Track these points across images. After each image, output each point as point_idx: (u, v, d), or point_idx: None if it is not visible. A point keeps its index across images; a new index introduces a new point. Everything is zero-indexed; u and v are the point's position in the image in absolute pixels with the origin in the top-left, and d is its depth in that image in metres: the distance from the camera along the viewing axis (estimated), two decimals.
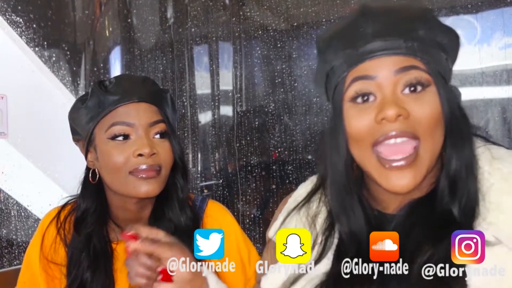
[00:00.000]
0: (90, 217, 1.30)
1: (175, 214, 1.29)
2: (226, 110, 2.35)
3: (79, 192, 1.34)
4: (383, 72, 0.85)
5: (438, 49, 0.88)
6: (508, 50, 1.89)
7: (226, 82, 2.36)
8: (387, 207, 0.95)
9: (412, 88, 0.84)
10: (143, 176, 1.21)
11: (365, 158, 0.88)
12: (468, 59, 1.93)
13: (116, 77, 1.32)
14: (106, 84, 1.28)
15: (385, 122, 0.84)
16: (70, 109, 1.33)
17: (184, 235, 1.27)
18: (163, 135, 1.25)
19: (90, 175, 1.29)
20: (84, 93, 2.43)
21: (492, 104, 1.93)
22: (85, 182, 1.32)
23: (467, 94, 1.95)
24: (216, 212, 1.36)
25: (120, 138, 1.22)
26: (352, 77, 0.87)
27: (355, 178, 0.95)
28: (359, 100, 0.87)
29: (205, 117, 2.38)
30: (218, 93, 2.36)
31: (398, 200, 0.92)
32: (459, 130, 0.87)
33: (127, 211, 1.29)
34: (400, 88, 0.84)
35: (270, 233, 1.09)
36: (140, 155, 1.20)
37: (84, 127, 1.27)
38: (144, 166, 1.20)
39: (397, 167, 0.84)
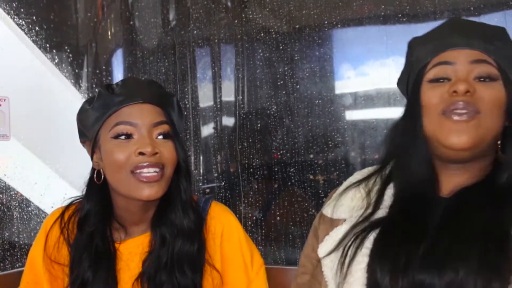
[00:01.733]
0: (94, 217, 1.31)
1: (178, 217, 1.30)
2: (228, 113, 2.35)
3: (84, 193, 1.35)
4: (461, 60, 1.03)
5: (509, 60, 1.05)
6: None
7: (228, 84, 2.36)
8: (442, 188, 1.06)
9: (482, 79, 1.01)
10: (144, 180, 1.21)
11: (433, 122, 1.04)
12: None
13: (122, 80, 1.34)
14: (113, 87, 1.30)
15: (455, 94, 1.01)
16: (78, 111, 1.34)
17: (187, 238, 1.27)
18: (166, 136, 1.26)
19: (95, 175, 1.30)
20: (86, 94, 2.44)
21: None
22: (90, 183, 1.33)
23: None
24: (219, 214, 1.36)
25: (123, 137, 1.24)
26: (434, 63, 1.06)
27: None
28: (437, 81, 1.05)
29: (207, 120, 2.38)
30: (220, 95, 2.36)
31: (453, 183, 1.04)
32: None
33: (131, 212, 1.29)
34: (472, 75, 1.02)
35: (323, 209, 1.20)
36: (141, 153, 1.21)
37: (90, 128, 1.29)
38: (146, 163, 1.21)
39: (459, 122, 0.99)
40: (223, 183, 2.32)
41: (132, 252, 1.31)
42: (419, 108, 1.06)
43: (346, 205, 1.14)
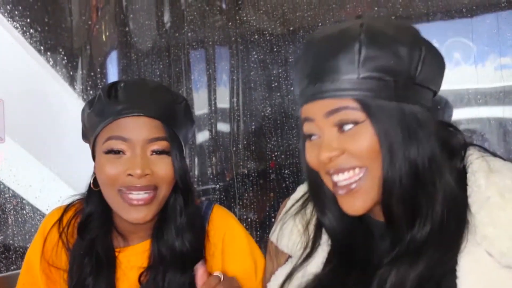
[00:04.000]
0: (94, 222, 1.26)
1: (170, 238, 1.23)
2: (223, 115, 2.35)
3: (84, 195, 1.31)
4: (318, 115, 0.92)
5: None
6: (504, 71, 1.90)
7: (223, 86, 2.36)
8: (376, 214, 0.98)
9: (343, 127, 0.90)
10: (134, 203, 1.16)
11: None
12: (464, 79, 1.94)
13: (126, 83, 1.24)
14: (117, 88, 1.21)
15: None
16: (81, 109, 1.29)
17: (177, 261, 1.21)
18: (162, 152, 1.18)
19: (91, 181, 1.25)
20: (81, 97, 2.44)
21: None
22: (90, 188, 1.28)
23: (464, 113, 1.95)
24: (220, 219, 1.31)
25: (115, 153, 1.17)
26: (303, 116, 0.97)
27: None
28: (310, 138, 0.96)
29: (202, 122, 2.38)
30: (215, 97, 2.36)
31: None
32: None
33: (128, 222, 1.25)
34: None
35: (271, 234, 1.13)
36: (131, 175, 1.15)
37: (89, 132, 1.24)
38: (136, 185, 1.15)
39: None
40: (217, 185, 2.33)
41: (131, 261, 1.28)
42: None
43: (287, 237, 1.07)
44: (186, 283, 1.20)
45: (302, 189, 1.13)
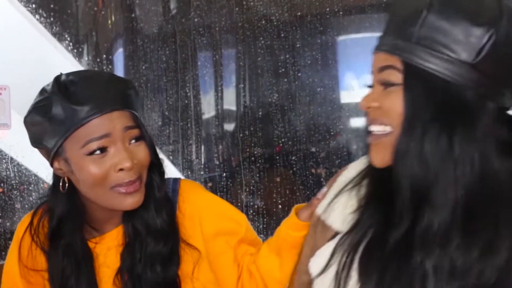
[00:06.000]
0: (67, 226, 1.25)
1: (151, 216, 1.24)
2: (229, 101, 2.34)
3: (49, 197, 1.29)
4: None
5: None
6: None
7: (229, 72, 2.35)
8: None
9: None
10: (125, 191, 1.17)
11: None
12: None
13: (80, 78, 1.20)
14: (68, 86, 1.18)
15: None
16: (25, 117, 1.23)
17: (159, 238, 1.22)
18: (137, 138, 1.19)
19: (60, 184, 1.22)
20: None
21: None
22: (55, 189, 1.26)
23: None
24: (189, 192, 1.32)
25: (98, 152, 1.15)
26: None
27: None
28: None
29: (208, 108, 2.37)
30: (221, 83, 2.35)
31: None
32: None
33: (104, 212, 1.24)
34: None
35: (319, 209, 1.11)
36: (121, 169, 1.15)
37: (48, 140, 1.20)
38: (127, 180, 1.15)
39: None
40: (224, 172, 2.32)
41: (109, 247, 1.29)
42: None
43: (339, 212, 1.06)
44: (166, 254, 1.22)
45: (354, 166, 1.11)
